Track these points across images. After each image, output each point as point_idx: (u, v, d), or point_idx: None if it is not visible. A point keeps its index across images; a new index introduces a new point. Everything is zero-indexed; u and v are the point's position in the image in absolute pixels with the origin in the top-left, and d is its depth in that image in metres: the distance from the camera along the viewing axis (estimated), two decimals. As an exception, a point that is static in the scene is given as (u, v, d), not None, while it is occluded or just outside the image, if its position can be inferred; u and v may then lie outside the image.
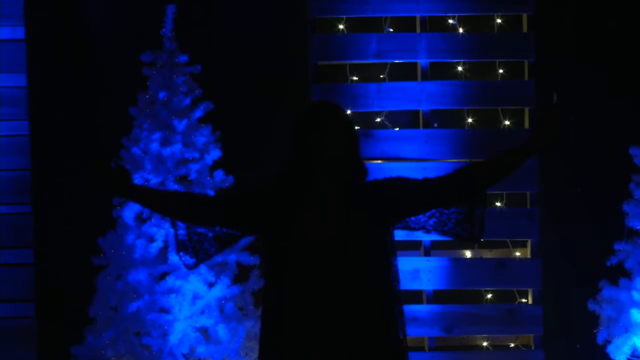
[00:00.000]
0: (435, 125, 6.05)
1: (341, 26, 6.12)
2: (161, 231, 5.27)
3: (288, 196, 3.59)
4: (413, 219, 3.70)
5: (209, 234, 3.74)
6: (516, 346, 6.13)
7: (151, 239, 5.29)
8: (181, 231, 3.74)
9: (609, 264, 5.44)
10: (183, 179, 5.36)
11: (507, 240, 6.10)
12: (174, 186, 5.30)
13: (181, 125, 5.34)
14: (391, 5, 6.03)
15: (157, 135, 5.33)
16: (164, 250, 5.31)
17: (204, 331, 5.29)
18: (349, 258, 3.51)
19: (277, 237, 3.56)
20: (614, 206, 5.54)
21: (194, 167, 5.36)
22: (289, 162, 3.62)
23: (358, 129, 5.97)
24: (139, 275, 5.23)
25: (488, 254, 6.14)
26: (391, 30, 6.12)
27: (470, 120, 6.13)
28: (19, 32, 6.04)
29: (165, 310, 5.24)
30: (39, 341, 5.97)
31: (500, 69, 6.13)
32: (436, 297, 6.02)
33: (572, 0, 6.05)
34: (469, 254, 6.17)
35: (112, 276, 5.30)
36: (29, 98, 6.02)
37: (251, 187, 3.69)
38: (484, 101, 6.05)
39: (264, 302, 3.61)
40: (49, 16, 5.99)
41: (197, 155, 5.37)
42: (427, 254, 6.00)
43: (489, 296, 6.11)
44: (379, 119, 6.12)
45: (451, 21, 6.11)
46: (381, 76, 6.13)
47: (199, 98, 5.42)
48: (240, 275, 5.36)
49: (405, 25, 6.13)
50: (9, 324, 6.03)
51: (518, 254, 6.13)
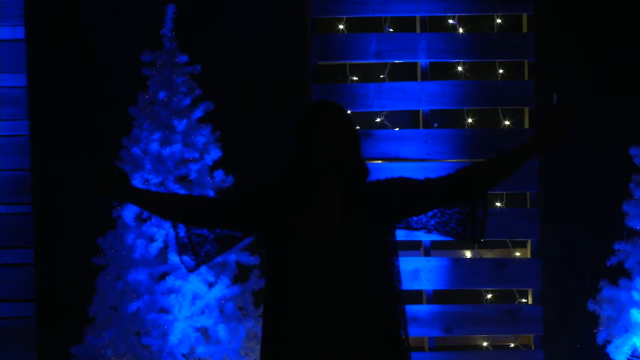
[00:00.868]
0: (435, 125, 6.05)
1: (341, 26, 6.11)
2: (161, 231, 5.27)
3: (289, 196, 3.59)
4: (414, 218, 3.69)
5: (210, 235, 3.73)
6: (516, 346, 6.13)
7: (151, 239, 5.29)
8: (182, 233, 3.73)
9: (609, 264, 5.44)
10: (183, 179, 5.36)
11: (507, 240, 6.10)
12: (173, 186, 5.30)
13: (181, 125, 5.34)
14: (391, 5, 6.03)
15: (157, 135, 5.33)
16: (164, 250, 5.31)
17: (204, 331, 5.29)
18: (349, 258, 3.51)
19: (278, 237, 3.56)
20: (614, 206, 5.54)
21: (194, 167, 5.36)
22: (290, 162, 3.62)
23: (358, 129, 5.97)
24: (139, 275, 5.23)
25: (488, 254, 6.14)
26: (391, 30, 6.12)
27: (470, 120, 6.13)
28: (19, 32, 6.04)
29: (165, 310, 5.24)
30: (39, 341, 5.97)
31: (500, 69, 6.13)
32: (436, 297, 6.02)
33: (572, 0, 6.05)
34: (469, 254, 6.17)
35: (112, 276, 5.30)
36: (29, 98, 6.02)
37: (251, 187, 3.68)
38: (484, 101, 6.05)
39: (265, 302, 3.61)
40: (49, 16, 5.99)
41: (197, 155, 5.37)
42: (427, 254, 6.00)
43: (489, 296, 6.11)
44: (379, 119, 6.12)
45: (451, 21, 6.11)
46: (381, 76, 6.13)
47: (199, 98, 5.42)
48: (240, 275, 5.36)
49: (405, 25, 6.13)
50: (9, 324, 6.03)
51: (518, 254, 6.12)
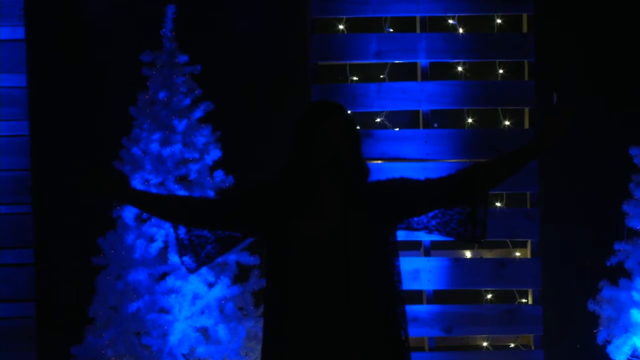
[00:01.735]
0: (435, 125, 6.05)
1: (341, 26, 6.11)
2: (161, 231, 5.27)
3: (289, 196, 3.59)
4: (415, 219, 3.69)
5: (211, 236, 3.73)
6: (516, 346, 6.13)
7: (151, 239, 5.29)
8: (182, 234, 3.73)
9: (609, 264, 5.44)
10: (183, 179, 5.36)
11: (507, 240, 6.09)
12: (173, 186, 5.30)
13: (181, 125, 5.34)
14: (391, 5, 6.02)
15: (157, 135, 5.33)
16: (164, 250, 5.31)
17: (204, 331, 5.29)
18: (349, 258, 3.51)
19: (278, 237, 3.56)
20: (614, 206, 5.54)
21: (194, 167, 5.36)
22: (290, 162, 3.61)
23: (358, 129, 5.96)
24: (139, 276, 5.23)
25: (488, 254, 6.14)
26: (391, 30, 6.12)
27: (470, 120, 6.13)
28: (19, 32, 6.04)
29: (165, 311, 5.24)
30: (39, 341, 5.97)
31: (500, 69, 6.13)
32: (436, 297, 6.02)
33: (572, 0, 6.05)
34: (469, 254, 6.17)
35: (112, 276, 5.30)
36: (29, 98, 6.02)
37: (251, 187, 3.68)
38: (484, 101, 6.05)
39: (266, 302, 3.61)
40: (49, 16, 5.99)
41: (197, 155, 5.37)
42: (427, 254, 6.00)
43: (489, 296, 6.11)
44: (379, 119, 6.12)
45: (451, 21, 6.11)
46: (381, 76, 6.13)
47: (199, 98, 5.42)
48: (240, 275, 5.36)
49: (405, 25, 6.12)
50: (9, 324, 6.03)
51: (518, 254, 6.12)
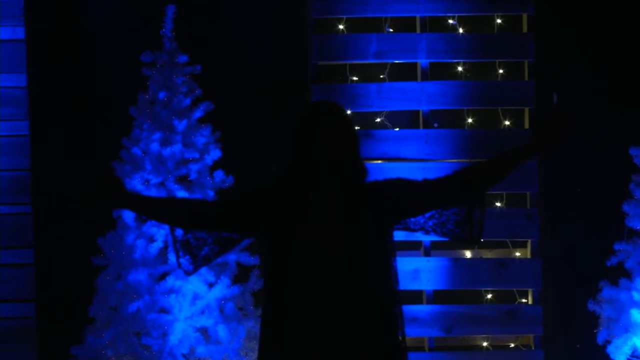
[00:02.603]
0: (435, 125, 6.05)
1: (341, 26, 6.11)
2: (161, 231, 5.27)
3: (288, 196, 3.59)
4: (412, 219, 3.70)
5: (209, 238, 3.73)
6: (516, 346, 6.13)
7: (151, 239, 5.29)
8: (180, 236, 3.73)
9: (609, 264, 5.44)
10: (183, 179, 5.36)
11: (507, 240, 6.09)
12: (174, 186, 5.30)
13: (181, 125, 5.34)
14: (391, 5, 6.02)
15: (157, 136, 5.33)
16: (164, 250, 5.31)
17: (204, 331, 5.29)
18: (348, 258, 3.51)
19: (277, 237, 3.56)
20: (614, 206, 5.54)
21: (194, 167, 5.36)
22: (290, 162, 3.61)
23: (358, 129, 5.97)
24: (139, 276, 5.23)
25: (488, 254, 6.14)
26: (391, 30, 6.12)
27: (470, 120, 6.13)
28: (19, 32, 6.04)
29: (165, 311, 5.24)
30: (39, 341, 5.97)
31: (500, 69, 6.13)
32: (436, 297, 6.02)
33: (572, 0, 6.05)
34: (469, 254, 6.17)
35: (112, 276, 5.30)
36: (29, 98, 6.02)
37: (251, 188, 3.68)
38: (484, 101, 6.05)
39: (264, 303, 3.61)
40: (49, 16, 5.99)
41: (197, 155, 5.37)
42: (427, 254, 6.00)
43: (489, 296, 6.11)
44: (379, 119, 6.12)
45: (451, 21, 6.11)
46: (381, 76, 6.13)
47: (199, 98, 5.42)
48: (240, 275, 5.36)
49: (405, 25, 6.12)
50: (9, 324, 6.03)
51: (518, 254, 6.12)
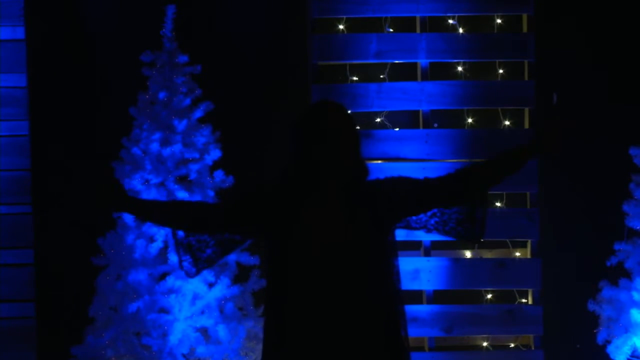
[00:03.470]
0: (435, 125, 6.05)
1: (341, 26, 6.11)
2: (161, 231, 5.27)
3: (290, 196, 3.59)
4: (414, 218, 3.70)
5: (211, 240, 3.73)
6: (516, 346, 6.13)
7: (151, 239, 5.29)
8: (181, 239, 3.73)
9: (609, 264, 5.44)
10: (183, 179, 5.36)
11: (507, 240, 6.09)
12: (174, 186, 5.30)
13: (181, 125, 5.34)
14: (391, 6, 6.03)
15: (157, 136, 5.33)
16: (164, 250, 5.31)
17: (204, 331, 5.29)
18: (350, 258, 3.51)
19: (278, 237, 3.56)
20: (614, 206, 5.54)
21: (194, 167, 5.36)
22: (290, 162, 3.61)
23: (358, 129, 5.97)
24: (139, 276, 5.23)
25: (488, 254, 6.14)
26: (391, 30, 6.12)
27: (470, 120, 6.13)
28: (19, 32, 6.04)
29: (165, 311, 5.24)
30: (39, 341, 5.97)
31: (500, 69, 6.13)
32: (436, 297, 6.02)
33: (572, 0, 6.05)
34: (469, 254, 6.17)
35: (112, 276, 5.30)
36: (29, 98, 6.02)
37: (251, 188, 3.68)
38: (484, 101, 6.05)
39: (266, 303, 3.60)
40: (48, 16, 5.99)
41: (197, 155, 5.37)
42: (427, 254, 6.00)
43: (489, 296, 6.11)
44: (379, 119, 6.12)
45: (451, 21, 6.11)
46: (381, 76, 6.13)
47: (199, 98, 5.42)
48: (240, 276, 5.36)
49: (405, 25, 6.12)
50: (9, 324, 6.03)
51: (518, 254, 6.12)
